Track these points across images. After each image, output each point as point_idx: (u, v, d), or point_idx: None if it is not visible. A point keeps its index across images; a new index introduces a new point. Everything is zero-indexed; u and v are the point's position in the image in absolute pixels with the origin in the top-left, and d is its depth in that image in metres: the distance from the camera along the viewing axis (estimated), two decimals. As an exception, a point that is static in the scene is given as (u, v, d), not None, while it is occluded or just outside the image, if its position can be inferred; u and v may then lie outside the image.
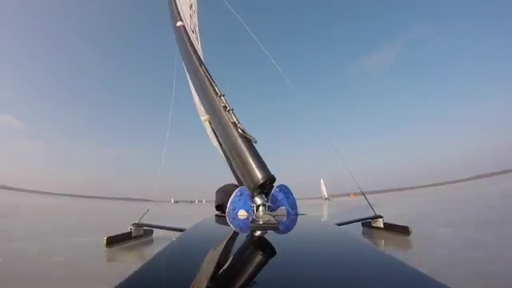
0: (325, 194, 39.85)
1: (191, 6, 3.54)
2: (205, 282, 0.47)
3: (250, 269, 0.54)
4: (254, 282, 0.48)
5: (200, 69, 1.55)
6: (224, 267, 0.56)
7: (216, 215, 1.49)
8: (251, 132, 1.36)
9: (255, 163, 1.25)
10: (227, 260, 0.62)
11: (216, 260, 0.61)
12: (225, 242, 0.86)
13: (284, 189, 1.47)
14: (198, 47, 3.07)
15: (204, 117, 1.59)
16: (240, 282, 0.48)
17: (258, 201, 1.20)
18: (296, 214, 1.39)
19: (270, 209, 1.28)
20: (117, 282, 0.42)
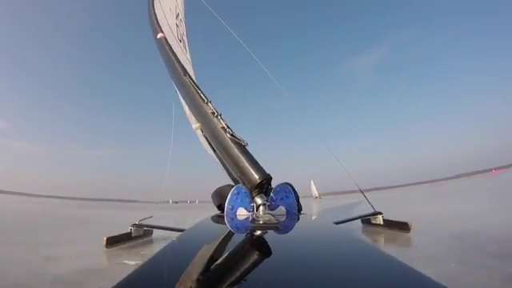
0: (315, 193, 45.23)
1: (177, 16, 3.55)
2: (204, 282, 0.47)
3: (250, 269, 0.54)
4: (254, 282, 0.48)
5: (184, 78, 1.56)
6: (224, 267, 0.56)
7: (216, 215, 1.49)
8: (241, 135, 1.36)
9: (250, 164, 1.26)
10: (227, 260, 0.61)
11: (216, 260, 0.61)
12: (225, 242, 0.85)
13: (284, 188, 1.46)
14: (187, 56, 3.10)
15: (195, 125, 1.60)
16: (239, 282, 0.47)
17: (259, 201, 1.21)
18: (296, 214, 1.37)
19: (270, 208, 1.28)
20: (115, 282, 0.42)
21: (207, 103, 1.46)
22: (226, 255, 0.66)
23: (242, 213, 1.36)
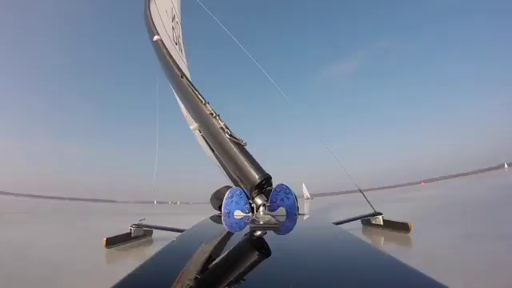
0: (307, 194, 50.93)
1: (174, 18, 3.55)
2: (204, 283, 0.46)
3: (251, 269, 0.54)
4: (254, 283, 0.47)
5: (182, 80, 1.56)
6: (224, 268, 0.56)
7: (216, 216, 1.48)
8: (239, 135, 1.37)
9: (249, 164, 1.26)
10: (227, 261, 0.62)
11: (216, 261, 0.61)
12: (224, 243, 0.85)
13: (284, 188, 1.45)
14: (183, 58, 3.10)
15: (193, 126, 1.60)
16: (239, 283, 0.47)
17: (259, 201, 1.21)
18: (296, 214, 1.37)
19: (270, 209, 1.27)
20: (114, 282, 0.42)
21: (205, 104, 1.47)
22: (226, 256, 0.65)
23: (238, 214, 1.35)
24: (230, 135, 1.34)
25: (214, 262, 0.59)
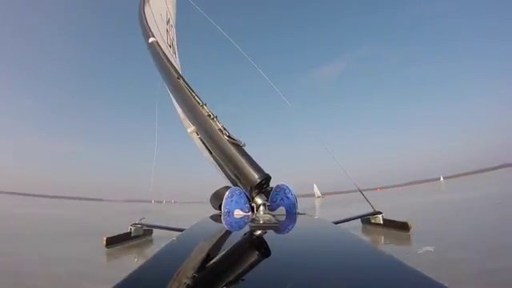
0: (318, 193, 53.42)
1: (168, 21, 3.55)
2: (205, 283, 0.46)
3: (251, 269, 0.54)
4: (254, 282, 0.47)
5: (178, 82, 1.56)
6: (224, 267, 0.56)
7: (216, 215, 1.48)
8: (238, 136, 1.37)
9: (249, 165, 1.27)
10: (227, 260, 0.62)
11: (215, 260, 0.61)
12: (224, 242, 0.85)
13: (284, 188, 1.46)
14: (176, 61, 3.10)
15: (190, 128, 1.60)
16: (239, 282, 0.48)
17: (259, 201, 1.22)
18: (296, 214, 1.37)
19: (270, 208, 1.28)
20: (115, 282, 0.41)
21: (202, 106, 1.47)
22: (226, 255, 0.65)
23: (238, 213, 1.35)
24: (229, 136, 1.34)
25: (213, 262, 0.59)
